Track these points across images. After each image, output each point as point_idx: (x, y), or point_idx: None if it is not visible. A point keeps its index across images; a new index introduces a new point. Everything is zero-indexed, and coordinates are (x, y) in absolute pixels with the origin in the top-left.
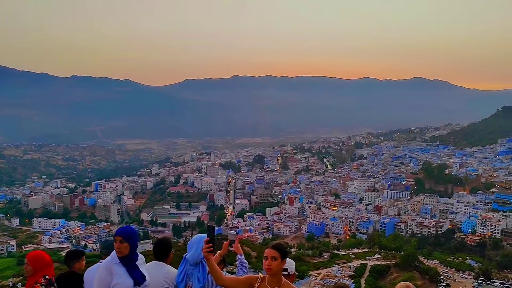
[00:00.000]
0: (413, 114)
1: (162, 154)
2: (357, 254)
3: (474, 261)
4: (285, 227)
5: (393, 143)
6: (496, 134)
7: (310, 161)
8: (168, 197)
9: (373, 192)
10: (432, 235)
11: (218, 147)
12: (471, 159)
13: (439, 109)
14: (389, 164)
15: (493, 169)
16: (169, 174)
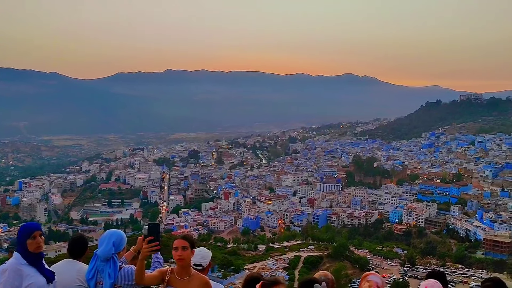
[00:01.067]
0: (344, 109)
1: (92, 150)
2: (291, 246)
3: (401, 249)
4: (220, 222)
5: (325, 137)
6: (420, 128)
7: (245, 155)
8: (99, 195)
9: (307, 186)
10: (362, 225)
11: (151, 142)
12: (397, 152)
13: (368, 104)
14: (322, 158)
15: (417, 162)
16: (100, 170)
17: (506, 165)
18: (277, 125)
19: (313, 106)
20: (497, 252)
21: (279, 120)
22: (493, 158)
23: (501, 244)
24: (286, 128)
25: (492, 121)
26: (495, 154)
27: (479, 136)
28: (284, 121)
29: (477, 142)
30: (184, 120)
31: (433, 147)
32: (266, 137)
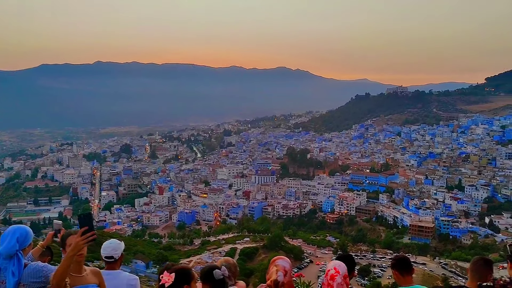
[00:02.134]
0: (278, 102)
1: (15, 146)
2: (228, 239)
3: (333, 237)
4: (155, 217)
5: (259, 130)
6: (351, 120)
7: (179, 149)
8: (24, 193)
9: (242, 178)
10: (297, 216)
11: (80, 137)
12: (329, 143)
13: (301, 97)
14: (256, 151)
15: (348, 153)
16: (24, 167)
17: (429, 154)
18: (211, 119)
19: (247, 99)
20: (421, 237)
21: (213, 114)
22: (418, 148)
23: (425, 229)
24: (220, 121)
25: (417, 113)
26: (420, 144)
27: (405, 127)
28: (219, 114)
29: (403, 133)
30: (115, 114)
31: (362, 138)
32: (200, 130)
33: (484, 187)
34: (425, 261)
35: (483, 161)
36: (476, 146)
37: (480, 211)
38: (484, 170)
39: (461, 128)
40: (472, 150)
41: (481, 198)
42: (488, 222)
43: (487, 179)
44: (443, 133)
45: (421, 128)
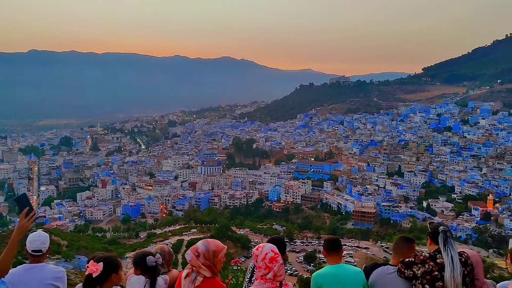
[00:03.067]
0: (223, 92)
1: None
2: (174, 231)
3: (280, 226)
4: (98, 212)
5: (205, 120)
6: (295, 110)
7: (122, 141)
8: None
9: (188, 169)
10: (243, 205)
11: (15, 130)
12: (275, 133)
13: (246, 87)
14: (202, 141)
15: (293, 142)
16: None
17: (371, 142)
18: (155, 109)
19: (192, 89)
20: (364, 222)
21: (157, 104)
22: (360, 136)
23: (367, 214)
24: (165, 112)
25: (358, 102)
26: (362, 132)
27: (347, 116)
28: (163, 105)
29: (346, 122)
30: (53, 105)
31: (307, 128)
32: (144, 121)
33: (422, 172)
34: (368, 245)
35: (420, 148)
36: (414, 134)
37: (418, 195)
38: (422, 156)
39: (400, 116)
40: (410, 138)
41: (419, 183)
42: (426, 206)
43: (424, 165)
44: (384, 122)
45: (363, 116)
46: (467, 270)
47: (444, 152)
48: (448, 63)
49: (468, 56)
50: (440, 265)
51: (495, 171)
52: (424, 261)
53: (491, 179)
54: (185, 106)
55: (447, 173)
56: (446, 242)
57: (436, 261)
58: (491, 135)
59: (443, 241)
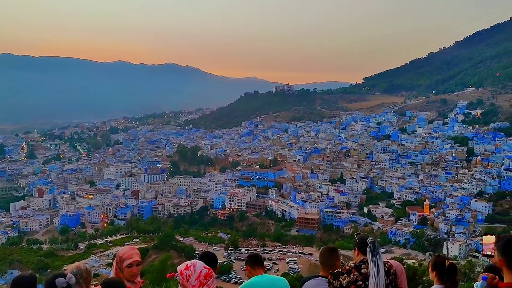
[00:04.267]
0: (167, 99)
1: None
2: (115, 241)
3: (225, 234)
4: (33, 222)
5: (148, 127)
6: (240, 118)
7: (61, 148)
8: None
9: (130, 177)
10: (188, 214)
11: None
12: (220, 140)
13: (191, 94)
14: (145, 148)
15: (238, 149)
16: None
17: (314, 150)
18: (97, 115)
19: (135, 95)
20: (308, 228)
21: (99, 110)
22: (304, 144)
23: (311, 220)
24: (107, 118)
25: (302, 111)
26: (305, 140)
27: (292, 124)
28: (105, 111)
29: (290, 129)
30: None
31: (252, 135)
32: (85, 127)
33: (363, 179)
34: (312, 252)
35: (361, 155)
36: (355, 142)
37: (360, 201)
38: (363, 163)
39: (342, 124)
40: (352, 145)
41: (361, 190)
42: (367, 211)
43: (365, 172)
44: (326, 130)
45: (307, 124)
46: (390, 279)
47: (383, 160)
48: (387, 74)
49: (405, 67)
50: (364, 275)
51: (431, 178)
52: (349, 271)
53: (427, 185)
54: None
55: (386, 180)
56: (374, 253)
57: (360, 271)
58: (427, 143)
59: (371, 252)
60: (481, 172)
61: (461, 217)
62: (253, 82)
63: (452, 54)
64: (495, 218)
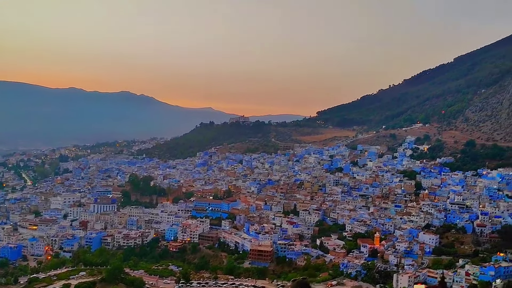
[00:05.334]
0: (121, 128)
1: None
2: (60, 274)
3: (176, 266)
4: None
5: (100, 156)
6: (195, 148)
7: (5, 176)
8: None
9: (79, 207)
10: (138, 245)
11: None
12: (173, 170)
13: (146, 123)
14: (96, 178)
15: (192, 180)
16: None
17: (268, 181)
18: (46, 143)
19: (87, 123)
20: (260, 261)
21: (48, 137)
22: (258, 175)
23: (264, 253)
24: (56, 146)
25: (257, 142)
26: (260, 171)
27: (246, 156)
28: (55, 138)
29: (245, 161)
30: None
31: (206, 166)
32: (32, 155)
33: (316, 211)
34: (264, 284)
35: (315, 187)
36: (309, 174)
37: (313, 233)
38: (316, 195)
39: (296, 157)
40: (305, 178)
41: (313, 222)
42: (319, 243)
43: (318, 204)
44: (281, 162)
45: (261, 156)
46: None
47: (336, 192)
48: (340, 108)
49: (357, 103)
50: None
51: (381, 210)
52: None
53: (377, 217)
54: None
55: (338, 212)
56: None
57: None
58: (377, 176)
59: None
60: (428, 205)
61: (410, 249)
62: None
63: (401, 91)
64: (441, 250)
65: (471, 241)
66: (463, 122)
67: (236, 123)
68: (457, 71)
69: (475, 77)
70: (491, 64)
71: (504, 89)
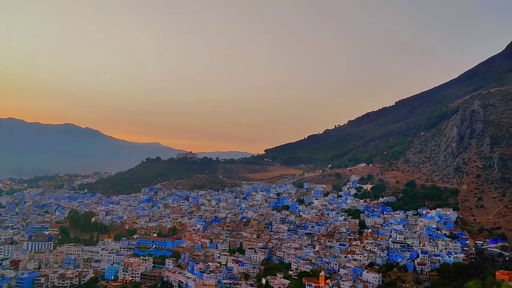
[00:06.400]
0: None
1: None
2: None
3: None
4: None
5: (38, 190)
6: (140, 183)
7: None
8: None
9: (11, 245)
10: (75, 286)
11: None
12: (117, 206)
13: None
14: (32, 213)
15: (136, 216)
16: None
17: (215, 218)
18: None
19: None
20: None
21: None
22: (204, 212)
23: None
24: None
25: (204, 179)
26: (206, 208)
27: (193, 192)
28: None
29: (191, 197)
30: None
31: (151, 202)
32: None
33: (262, 249)
34: None
35: (261, 225)
36: (255, 211)
37: (258, 272)
38: (262, 233)
39: (243, 194)
40: (252, 215)
41: (259, 260)
42: (265, 283)
43: (264, 242)
44: (228, 199)
45: (208, 193)
46: None
47: (282, 230)
48: (287, 147)
49: (304, 142)
50: None
51: (326, 249)
52: None
53: (323, 256)
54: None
55: (284, 250)
56: None
57: None
58: (323, 215)
59: None
60: (372, 244)
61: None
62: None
63: (346, 132)
64: None
65: (412, 280)
66: (404, 163)
67: (184, 159)
68: (398, 114)
69: (414, 121)
70: (429, 108)
71: (441, 132)
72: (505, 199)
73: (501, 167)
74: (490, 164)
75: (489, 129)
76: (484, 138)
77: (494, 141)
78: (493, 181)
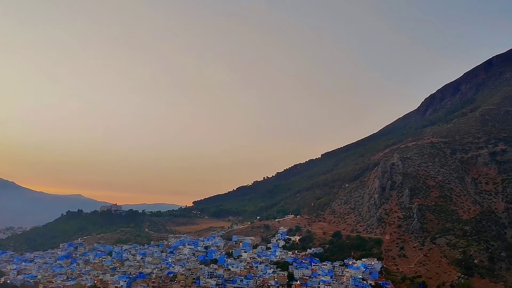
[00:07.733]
0: None
1: None
2: None
3: None
4: None
5: None
6: (59, 238)
7: None
8: None
9: None
10: None
11: None
12: (31, 264)
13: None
14: None
15: (52, 274)
16: None
17: (139, 274)
18: None
19: None
20: None
21: None
22: (128, 268)
23: None
24: None
25: (129, 232)
26: (130, 264)
27: (117, 247)
28: None
29: (115, 252)
30: None
31: (70, 258)
32: None
33: None
34: None
35: (188, 280)
36: (183, 266)
37: None
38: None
39: (170, 248)
40: (179, 270)
41: None
42: None
43: None
44: (154, 253)
45: (133, 247)
46: None
47: (210, 285)
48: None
49: (233, 193)
50: None
51: None
52: None
53: None
54: None
55: None
56: None
57: None
58: (251, 267)
59: None
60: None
61: None
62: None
63: (274, 183)
64: None
65: None
66: (330, 214)
67: (108, 212)
68: (324, 166)
69: (339, 173)
70: (353, 161)
71: (364, 184)
72: (425, 248)
73: (420, 217)
74: (410, 215)
75: (408, 181)
76: (404, 189)
77: (413, 192)
78: (413, 231)
